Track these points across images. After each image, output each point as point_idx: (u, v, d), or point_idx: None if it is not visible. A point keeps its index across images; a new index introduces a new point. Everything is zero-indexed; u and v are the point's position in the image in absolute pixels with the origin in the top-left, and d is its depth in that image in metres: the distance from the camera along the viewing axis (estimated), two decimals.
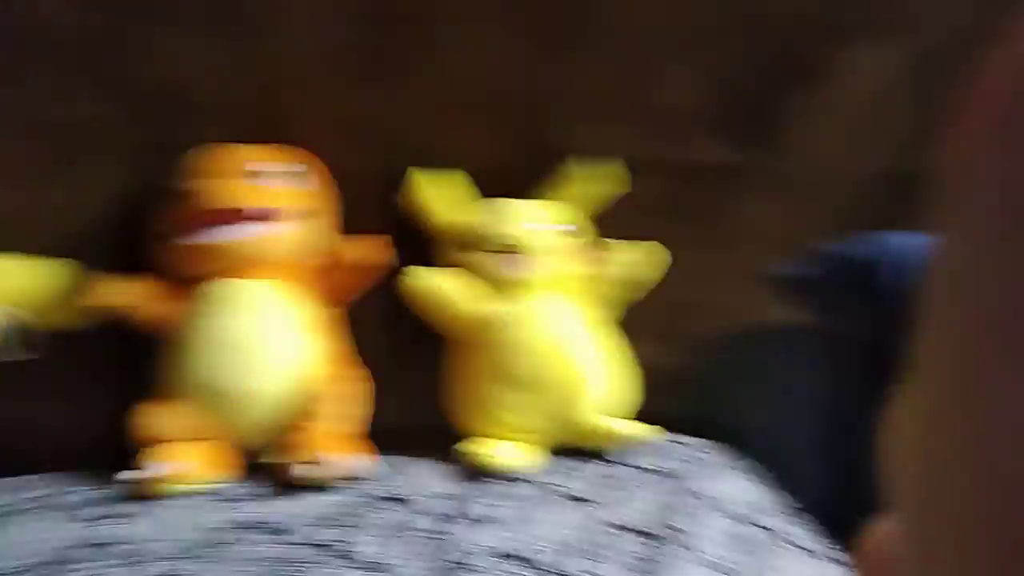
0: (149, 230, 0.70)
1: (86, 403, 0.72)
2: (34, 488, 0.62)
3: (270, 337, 0.68)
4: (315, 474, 0.61)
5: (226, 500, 0.60)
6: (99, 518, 0.58)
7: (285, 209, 0.70)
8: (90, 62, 0.70)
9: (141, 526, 0.57)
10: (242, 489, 0.62)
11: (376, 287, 0.74)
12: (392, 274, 0.73)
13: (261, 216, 0.68)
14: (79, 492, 0.61)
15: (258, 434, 0.67)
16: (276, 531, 0.58)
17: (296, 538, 0.58)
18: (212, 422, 0.66)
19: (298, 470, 0.60)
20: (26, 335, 0.70)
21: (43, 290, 0.71)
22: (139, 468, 0.60)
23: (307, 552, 0.56)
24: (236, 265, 0.68)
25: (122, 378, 0.73)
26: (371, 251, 0.72)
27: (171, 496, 0.61)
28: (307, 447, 0.62)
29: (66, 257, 0.72)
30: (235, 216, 0.67)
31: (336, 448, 0.63)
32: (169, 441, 0.64)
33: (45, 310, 0.71)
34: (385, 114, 0.75)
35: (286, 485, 0.62)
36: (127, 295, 0.69)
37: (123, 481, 0.59)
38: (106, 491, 0.61)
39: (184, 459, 0.62)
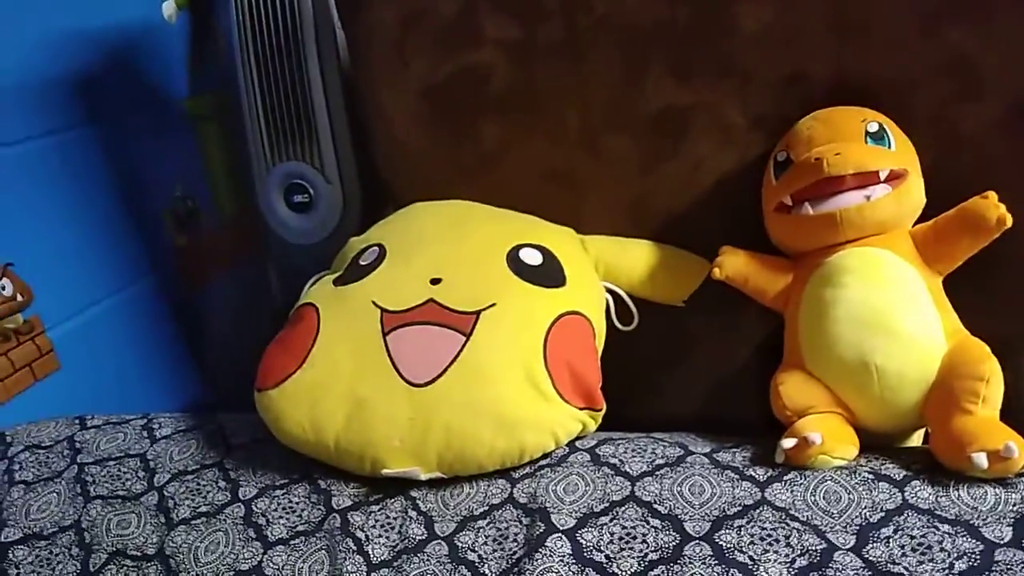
0: (763, 204, 0.72)
1: (715, 368, 0.78)
2: (695, 445, 0.67)
3: (905, 310, 0.63)
4: (999, 465, 0.55)
5: (890, 481, 0.58)
6: (769, 480, 0.60)
7: (896, 171, 0.65)
8: (683, 50, 0.74)
9: (813, 494, 0.58)
10: (898, 470, 0.59)
11: None
12: None
13: (889, 178, 0.65)
14: (741, 453, 0.64)
15: (891, 413, 0.63)
16: (961, 523, 0.53)
17: (989, 535, 0.52)
18: (847, 396, 0.64)
19: (979, 459, 0.54)
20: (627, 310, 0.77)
21: (653, 269, 0.78)
22: (791, 436, 0.61)
23: (1011, 557, 0.50)
24: (857, 232, 0.66)
25: (740, 346, 0.77)
26: (980, 209, 0.63)
27: (820, 468, 0.60)
28: (982, 434, 0.56)
29: (682, 237, 0.78)
30: (862, 180, 0.64)
31: (1009, 437, 0.56)
32: (810, 412, 0.64)
33: (655, 287, 0.78)
34: None
35: (954, 472, 0.57)
36: (740, 267, 0.72)
37: (783, 448, 0.60)
38: (757, 454, 0.64)
39: (822, 431, 0.61)
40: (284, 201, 1.00)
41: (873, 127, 0.66)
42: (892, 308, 0.63)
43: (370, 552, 0.61)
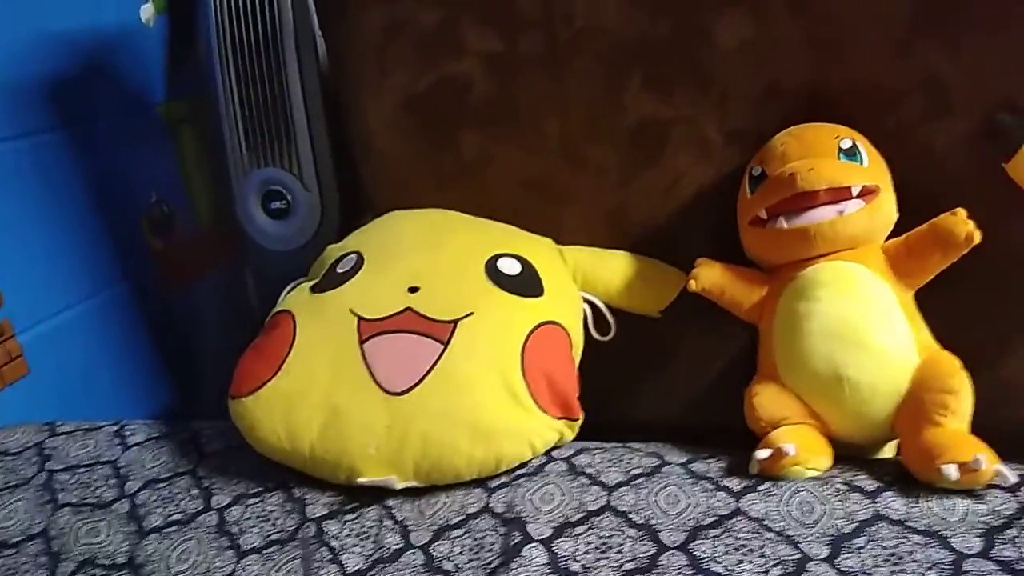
0: (738, 217, 0.73)
1: (691, 378, 0.78)
2: (671, 455, 0.67)
3: (877, 323, 0.64)
4: (968, 477, 0.56)
5: (863, 492, 0.58)
6: (743, 491, 0.60)
7: (868, 186, 0.66)
8: (662, 63, 0.75)
9: (787, 505, 0.58)
10: (870, 481, 0.60)
11: None
12: None
13: (862, 194, 0.66)
14: (716, 463, 0.65)
15: (864, 425, 0.64)
16: (932, 534, 0.54)
17: (959, 546, 0.53)
18: (820, 408, 0.65)
19: (949, 471, 0.55)
20: (604, 321, 0.78)
21: (630, 280, 0.78)
22: (765, 447, 0.62)
23: (980, 567, 0.51)
24: (830, 247, 0.67)
25: (716, 357, 0.78)
26: (949, 226, 0.64)
27: (793, 479, 0.61)
28: (952, 446, 0.57)
29: (659, 249, 0.78)
30: (835, 196, 0.65)
31: (977, 449, 0.57)
32: (784, 424, 0.65)
33: (631, 298, 0.78)
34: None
35: (925, 483, 0.58)
36: (716, 279, 0.72)
37: (757, 459, 0.61)
38: (732, 464, 0.64)
39: (795, 443, 0.62)
40: (262, 208, 0.99)
41: (846, 144, 0.67)
42: (864, 322, 0.64)
43: (344, 561, 0.60)
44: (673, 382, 0.81)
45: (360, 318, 0.69)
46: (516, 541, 0.59)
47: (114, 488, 0.71)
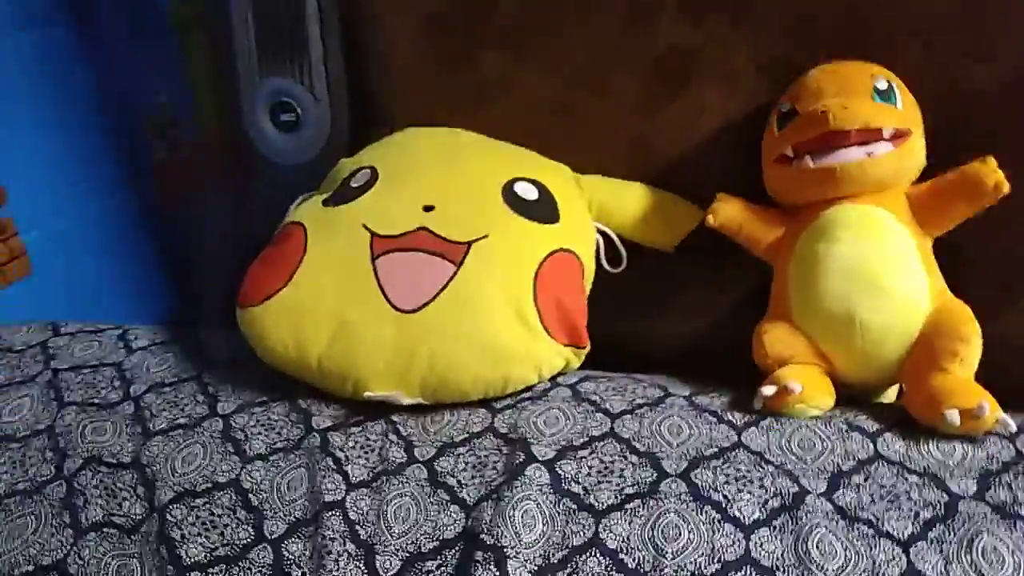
0: (763, 154, 0.71)
1: (699, 315, 0.78)
2: (675, 387, 0.67)
3: (895, 268, 0.64)
4: (970, 423, 0.56)
5: (863, 432, 0.59)
6: (746, 425, 0.61)
7: (900, 130, 0.65)
8: None
9: (788, 440, 0.59)
10: (872, 422, 0.60)
11: None
12: None
13: (893, 137, 0.65)
14: (720, 397, 0.65)
15: (871, 368, 0.64)
16: (929, 475, 0.55)
17: (955, 487, 0.54)
18: (830, 348, 0.65)
19: (952, 415, 0.56)
20: (616, 252, 0.77)
21: (646, 213, 0.77)
22: (771, 384, 0.62)
23: (974, 509, 0.52)
24: (855, 188, 0.66)
25: (724, 294, 0.78)
26: (978, 174, 0.63)
27: (796, 416, 0.61)
28: (957, 392, 0.57)
29: (679, 182, 0.77)
30: (866, 137, 0.64)
31: (982, 396, 0.57)
32: (790, 363, 0.65)
33: (646, 231, 0.78)
34: None
35: (926, 427, 0.59)
36: (735, 215, 0.72)
37: (762, 395, 0.62)
38: (736, 399, 0.65)
39: (801, 381, 0.62)
40: (270, 119, 0.97)
41: (882, 84, 0.65)
42: (882, 265, 0.63)
43: (349, 472, 0.61)
44: (681, 316, 0.81)
45: (373, 234, 0.68)
46: (519, 461, 0.59)
47: (119, 390, 0.71)
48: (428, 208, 0.70)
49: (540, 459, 0.59)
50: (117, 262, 1.07)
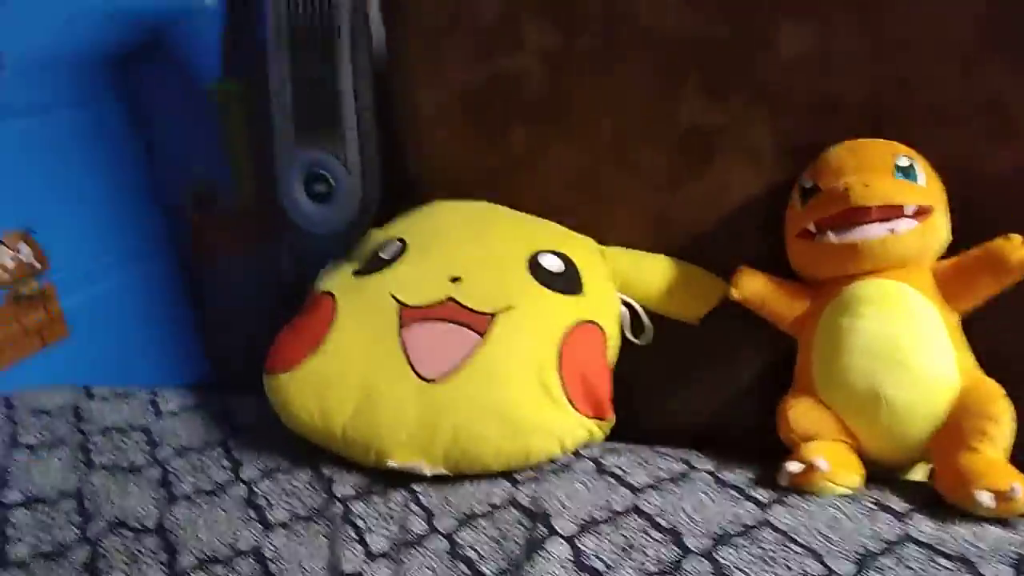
0: (786, 229, 0.72)
1: (722, 388, 0.78)
2: (699, 461, 0.67)
3: (921, 344, 0.63)
4: (1003, 506, 0.55)
5: (892, 513, 0.58)
6: (771, 502, 0.60)
7: (922, 206, 0.66)
8: (719, 68, 0.75)
9: (815, 519, 0.58)
10: (901, 502, 0.59)
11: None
12: None
13: (915, 214, 0.65)
14: (744, 473, 0.65)
15: (898, 446, 0.63)
16: (961, 559, 0.54)
17: (987, 573, 0.52)
18: (855, 425, 0.64)
19: (983, 497, 0.55)
20: (641, 324, 0.78)
21: (671, 285, 0.78)
22: (797, 460, 0.61)
23: None
24: (878, 264, 0.66)
25: (749, 367, 0.77)
26: (1002, 250, 0.63)
27: (823, 494, 0.60)
28: (988, 473, 0.56)
29: (702, 256, 0.78)
30: (888, 213, 0.65)
31: (1014, 478, 0.56)
32: (816, 439, 0.64)
33: (671, 303, 0.78)
34: None
35: (957, 508, 0.57)
36: (758, 289, 0.72)
37: (788, 471, 0.61)
38: (761, 475, 0.64)
39: (828, 458, 0.61)
40: (304, 189, 1.01)
41: (903, 161, 0.66)
42: (907, 341, 0.63)
43: (369, 542, 0.61)
44: (704, 389, 0.80)
45: (401, 304, 0.70)
46: (540, 535, 0.59)
47: (146, 454, 0.72)
48: (455, 279, 0.71)
49: (561, 533, 0.59)
50: (151, 326, 1.09)
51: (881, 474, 0.64)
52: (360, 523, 0.62)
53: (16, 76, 0.88)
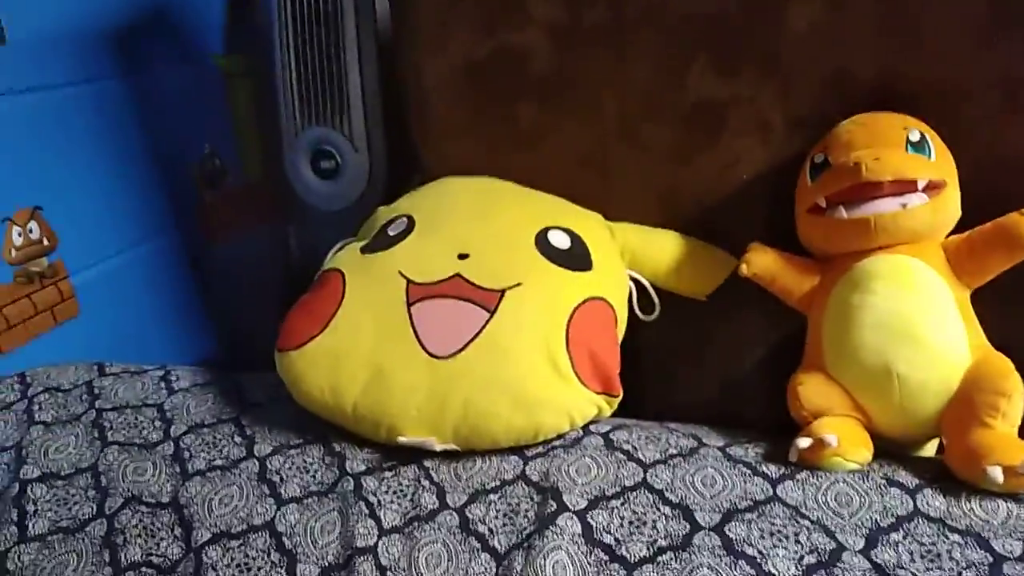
0: (795, 204, 0.72)
1: (731, 364, 0.78)
2: (709, 437, 0.67)
3: (932, 320, 0.63)
4: (1014, 481, 0.55)
5: (903, 488, 0.58)
6: (781, 477, 0.60)
7: (934, 181, 0.65)
8: (728, 43, 0.74)
9: (824, 494, 0.58)
10: (911, 477, 0.59)
11: None
12: None
13: (927, 188, 0.65)
14: (754, 448, 0.65)
15: (909, 422, 0.63)
16: (972, 534, 0.54)
17: (999, 548, 0.53)
18: (866, 401, 0.64)
19: (994, 472, 0.55)
20: (649, 300, 0.78)
21: (679, 261, 0.78)
22: (807, 436, 0.61)
23: (1020, 571, 0.51)
24: (889, 239, 0.66)
25: (758, 343, 0.77)
26: (1014, 226, 0.63)
27: (833, 470, 0.60)
28: (999, 448, 0.56)
29: (711, 232, 0.78)
30: (899, 188, 0.64)
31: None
32: (827, 415, 0.64)
33: (679, 279, 0.78)
34: None
35: (967, 484, 0.57)
36: (768, 265, 0.72)
37: (798, 447, 0.61)
38: (770, 451, 0.64)
39: (838, 434, 0.61)
40: (311, 166, 1.00)
41: (915, 135, 0.66)
42: (919, 317, 0.63)
43: (382, 517, 0.62)
44: (713, 365, 0.80)
45: (409, 281, 0.70)
46: (551, 510, 0.59)
47: (159, 430, 0.73)
48: (463, 256, 0.71)
49: (572, 508, 0.59)
50: (161, 303, 1.10)
51: (892, 450, 0.64)
52: (372, 498, 0.63)
53: (22, 53, 0.87)
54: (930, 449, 0.69)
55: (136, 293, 1.06)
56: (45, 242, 0.91)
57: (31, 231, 0.90)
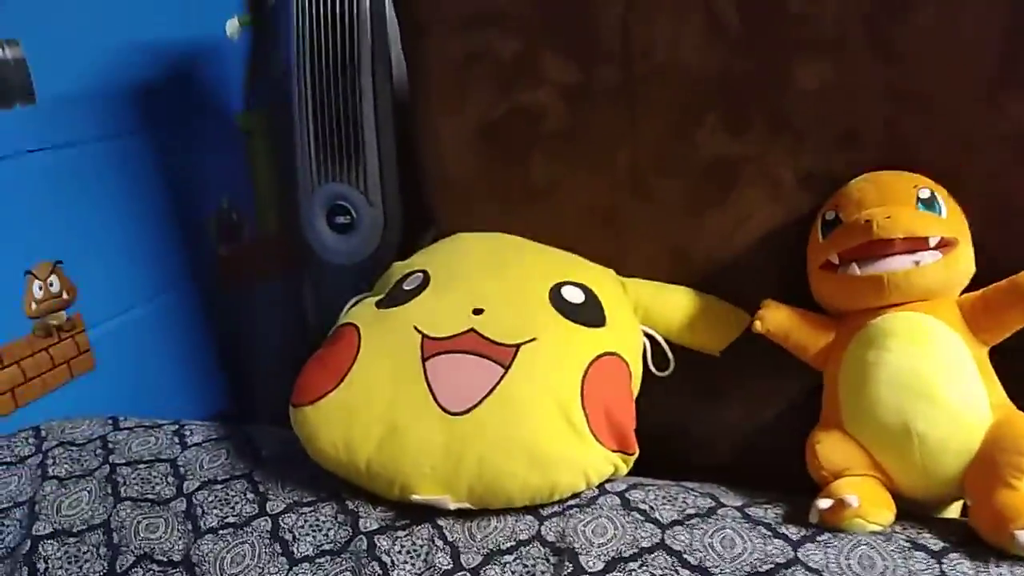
0: (808, 261, 0.72)
1: (746, 420, 0.77)
2: (727, 497, 0.66)
3: (949, 378, 0.63)
4: None
5: (928, 552, 0.57)
6: (802, 540, 0.59)
7: (946, 238, 0.65)
8: (739, 102, 0.75)
9: (847, 557, 0.57)
10: (936, 540, 0.58)
11: None
12: None
13: (939, 246, 0.65)
14: (773, 509, 0.64)
15: (931, 482, 0.62)
16: None
17: None
18: (886, 461, 0.64)
19: (1022, 537, 0.54)
20: (663, 356, 0.77)
21: (692, 316, 0.78)
22: (827, 496, 0.60)
23: None
24: (903, 297, 0.66)
25: (773, 400, 0.77)
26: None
27: (854, 532, 0.59)
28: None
29: (721, 288, 0.78)
30: (911, 245, 0.65)
31: None
32: (846, 474, 0.63)
33: (692, 335, 0.78)
34: None
35: (994, 547, 0.56)
36: (782, 322, 0.72)
37: (819, 508, 0.60)
38: (790, 512, 0.63)
39: (858, 494, 0.60)
40: (326, 221, 1.02)
41: (925, 193, 0.66)
42: (936, 375, 0.63)
43: None
44: (728, 422, 0.80)
45: (424, 336, 0.70)
46: (567, 572, 0.58)
47: (172, 486, 0.72)
48: (478, 311, 0.71)
49: (589, 571, 0.58)
50: (176, 356, 1.10)
51: (914, 511, 0.63)
52: (386, 558, 0.62)
53: (50, 111, 0.90)
54: (954, 511, 0.68)
55: (152, 346, 1.06)
56: (65, 296, 0.93)
57: (51, 285, 0.91)
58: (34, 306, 0.89)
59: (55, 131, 0.91)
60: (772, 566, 0.57)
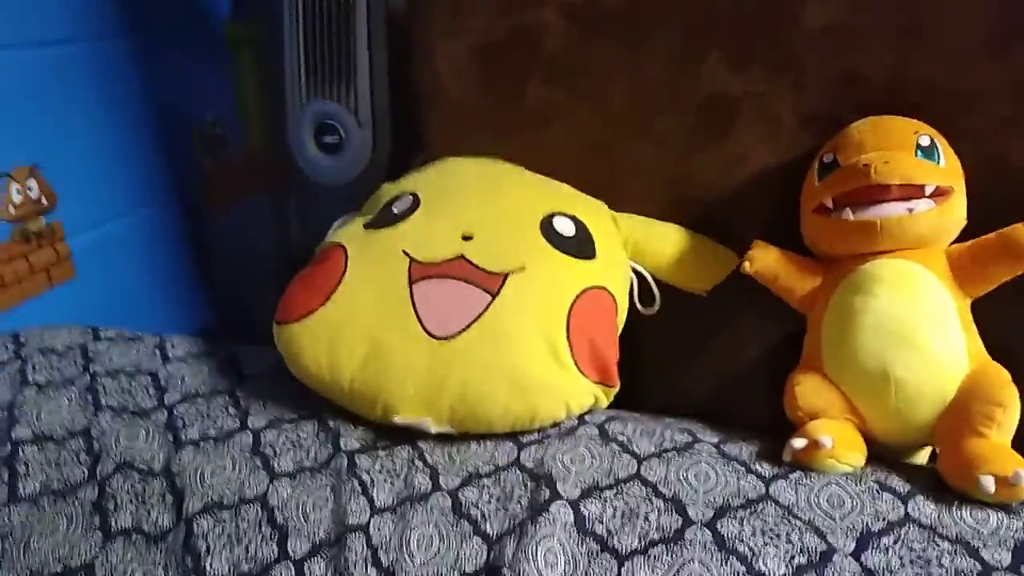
0: (801, 203, 0.72)
1: (729, 360, 0.78)
2: (704, 433, 0.67)
3: (932, 327, 0.63)
4: (1005, 491, 0.55)
5: (894, 493, 0.58)
6: (774, 477, 0.61)
7: (942, 187, 0.65)
8: (743, 38, 0.73)
9: (817, 496, 0.59)
10: (903, 483, 0.60)
11: None
12: None
13: (934, 194, 0.64)
14: (748, 447, 0.65)
15: (904, 427, 0.64)
16: (962, 543, 0.54)
17: (988, 557, 0.53)
18: (862, 405, 0.65)
19: (986, 482, 0.55)
20: (650, 293, 0.77)
21: (682, 255, 0.77)
22: (802, 437, 0.62)
23: None
24: (894, 244, 0.66)
25: (756, 341, 0.77)
26: (1019, 237, 0.63)
27: (826, 472, 0.61)
28: (993, 458, 0.56)
29: (714, 227, 0.77)
30: (907, 192, 0.64)
31: (1018, 464, 0.56)
32: (823, 416, 0.64)
33: (681, 274, 0.78)
34: None
35: (959, 492, 0.58)
36: (771, 264, 0.72)
37: (793, 447, 0.61)
38: (764, 450, 0.64)
39: (832, 436, 0.61)
40: (314, 140, 0.99)
41: (925, 141, 0.66)
42: (919, 323, 0.63)
43: (375, 496, 0.62)
44: (710, 362, 0.80)
45: (412, 260, 0.69)
46: (544, 498, 0.59)
47: (153, 398, 0.73)
48: (467, 237, 0.71)
49: (565, 497, 0.59)
50: (158, 271, 1.09)
51: (885, 456, 0.64)
52: (365, 477, 0.63)
53: (25, 6, 0.86)
54: (923, 457, 0.69)
55: (133, 259, 1.05)
56: (44, 201, 0.90)
57: (30, 189, 0.88)
58: (12, 210, 0.87)
59: (30, 28, 0.87)
60: (744, 501, 0.58)
